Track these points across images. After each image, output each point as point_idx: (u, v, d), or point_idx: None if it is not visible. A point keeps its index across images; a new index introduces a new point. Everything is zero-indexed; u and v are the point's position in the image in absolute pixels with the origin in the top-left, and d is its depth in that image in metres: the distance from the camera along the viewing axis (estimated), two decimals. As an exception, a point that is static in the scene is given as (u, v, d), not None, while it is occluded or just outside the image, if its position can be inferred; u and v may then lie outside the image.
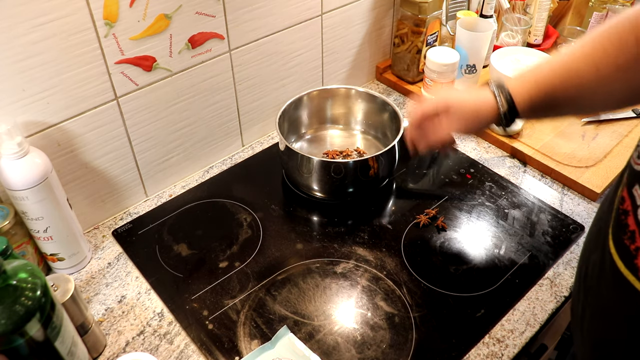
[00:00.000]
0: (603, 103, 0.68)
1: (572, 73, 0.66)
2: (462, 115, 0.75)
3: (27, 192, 0.72)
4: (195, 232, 0.90)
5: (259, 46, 0.98)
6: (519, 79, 0.71)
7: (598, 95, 0.65)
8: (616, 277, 0.46)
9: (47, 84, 0.74)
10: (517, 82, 0.71)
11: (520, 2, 1.24)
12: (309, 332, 0.75)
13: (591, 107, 0.71)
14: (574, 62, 0.66)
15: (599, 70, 0.63)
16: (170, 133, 0.93)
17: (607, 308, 0.50)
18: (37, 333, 0.55)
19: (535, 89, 0.69)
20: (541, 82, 0.68)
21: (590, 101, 0.67)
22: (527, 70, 0.71)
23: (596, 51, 0.64)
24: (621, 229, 0.45)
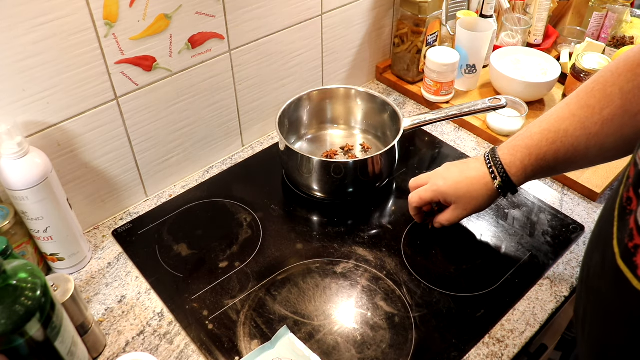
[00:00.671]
0: (598, 158, 0.70)
1: (560, 134, 0.67)
2: (459, 201, 0.79)
3: (27, 192, 0.72)
4: (195, 232, 0.90)
5: (259, 46, 0.98)
6: (511, 149, 0.73)
7: (591, 151, 0.67)
8: (616, 275, 0.46)
9: (47, 84, 0.74)
10: (509, 152, 0.73)
11: (520, 2, 1.24)
12: (309, 332, 0.75)
13: (589, 163, 0.73)
14: (563, 124, 0.67)
15: (586, 128, 0.65)
16: (170, 133, 0.93)
17: (607, 308, 0.50)
18: (37, 333, 0.55)
19: (527, 157, 0.71)
20: (533, 150, 0.70)
21: (585, 158, 0.69)
22: (518, 138, 0.73)
23: (581, 108, 0.65)
24: (624, 227, 0.46)
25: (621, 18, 1.19)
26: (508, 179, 0.73)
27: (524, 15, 1.25)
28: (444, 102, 1.16)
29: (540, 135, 0.70)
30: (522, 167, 0.72)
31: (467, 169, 0.78)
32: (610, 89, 0.63)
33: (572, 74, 1.08)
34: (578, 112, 0.66)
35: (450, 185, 0.79)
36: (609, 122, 0.63)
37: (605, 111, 0.63)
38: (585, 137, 0.66)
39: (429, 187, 0.81)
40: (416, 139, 1.09)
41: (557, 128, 0.68)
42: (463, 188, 0.78)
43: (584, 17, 1.31)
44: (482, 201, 0.78)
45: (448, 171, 0.81)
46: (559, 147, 0.68)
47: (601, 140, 0.65)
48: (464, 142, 1.08)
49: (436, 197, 0.80)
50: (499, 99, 0.94)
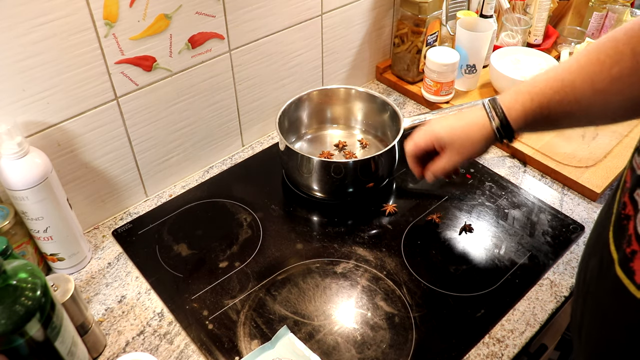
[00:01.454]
0: (599, 116, 0.68)
1: (567, 85, 0.65)
2: (454, 144, 0.75)
3: (27, 192, 0.72)
4: (195, 232, 0.90)
5: (259, 46, 0.98)
6: (513, 93, 0.70)
7: (594, 108, 0.65)
8: (614, 281, 0.46)
9: (47, 84, 0.74)
10: (510, 96, 0.70)
11: (520, 2, 1.24)
12: (309, 332, 0.75)
13: (588, 120, 0.71)
14: (570, 75, 0.65)
15: (594, 82, 0.63)
16: (170, 133, 0.93)
17: (605, 314, 0.50)
18: (37, 333, 0.55)
19: (529, 102, 0.68)
20: (535, 95, 0.68)
21: (586, 114, 0.67)
22: (522, 84, 0.70)
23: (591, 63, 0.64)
24: (621, 233, 0.45)
25: (621, 18, 1.19)
26: (506, 121, 0.70)
27: (524, 15, 1.25)
28: (444, 102, 1.16)
29: (545, 82, 0.67)
30: (522, 110, 0.69)
31: (464, 115, 0.76)
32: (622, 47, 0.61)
33: (572, 74, 1.08)
34: (587, 65, 0.64)
35: (445, 128, 0.75)
36: (617, 80, 0.61)
37: (615, 69, 0.61)
38: (591, 91, 0.64)
39: (425, 131, 0.78)
40: (416, 139, 1.09)
41: (563, 78, 0.66)
42: (458, 130, 0.74)
43: (584, 17, 1.31)
44: (478, 145, 0.74)
45: (445, 118, 0.78)
46: (562, 97, 0.66)
47: (606, 98, 0.63)
48: (464, 142, 1.08)
49: (430, 140, 0.77)
50: (499, 99, 0.94)
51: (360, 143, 1.06)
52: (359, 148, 1.05)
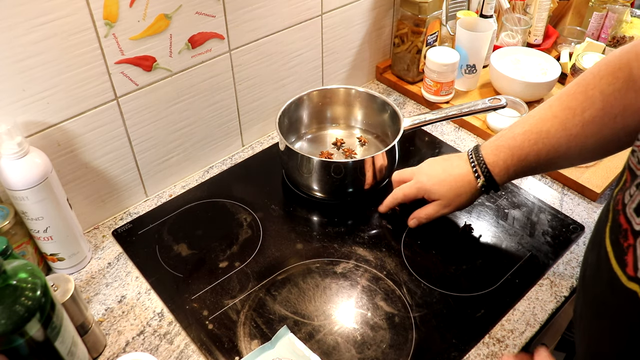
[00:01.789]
0: (578, 158, 0.72)
1: (542, 136, 0.69)
2: (443, 198, 0.80)
3: (27, 192, 0.72)
4: (195, 232, 0.90)
5: (259, 46, 0.98)
6: (494, 148, 0.75)
7: (571, 152, 0.69)
8: (608, 273, 0.47)
9: (47, 84, 0.74)
10: (492, 152, 0.75)
11: (520, 2, 1.24)
12: (309, 332, 0.75)
13: (569, 163, 0.76)
14: (544, 125, 0.69)
15: (567, 129, 0.67)
16: (170, 133, 0.93)
17: (600, 304, 0.51)
18: (37, 333, 0.55)
19: (510, 158, 0.73)
20: (515, 150, 0.72)
21: (565, 159, 0.71)
22: (502, 138, 0.75)
23: (562, 110, 0.67)
24: (617, 228, 0.47)
25: (621, 18, 1.19)
26: (491, 178, 0.75)
27: (524, 15, 1.25)
28: (444, 102, 1.16)
29: (523, 135, 0.71)
30: (505, 167, 0.74)
31: (451, 167, 0.80)
32: (591, 91, 0.64)
33: (572, 74, 1.08)
34: (560, 113, 0.68)
35: (434, 182, 0.81)
36: (589, 124, 0.65)
37: (586, 113, 0.65)
38: (566, 137, 0.67)
39: (413, 184, 0.84)
40: (416, 139, 1.09)
41: (539, 129, 0.70)
42: (446, 185, 0.80)
43: (584, 17, 1.31)
44: (466, 198, 0.80)
45: (431, 168, 0.83)
46: (540, 147, 0.70)
47: (581, 141, 0.67)
48: (464, 142, 1.08)
49: (420, 194, 0.83)
50: (499, 99, 0.94)
51: (359, 140, 1.06)
52: (358, 146, 1.05)
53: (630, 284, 0.44)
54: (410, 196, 0.84)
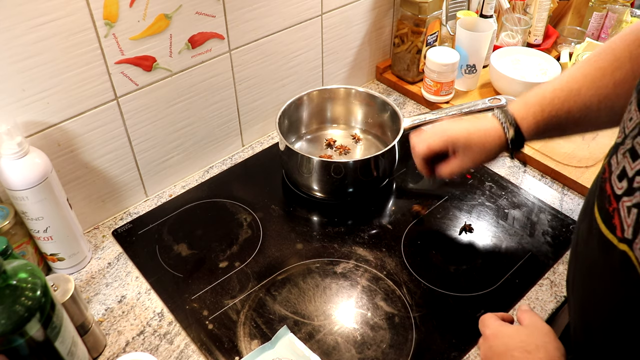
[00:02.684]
0: (607, 120, 0.70)
1: (573, 94, 0.68)
2: (469, 149, 0.76)
3: (27, 192, 0.72)
4: (195, 232, 0.90)
5: (259, 46, 0.98)
6: (522, 104, 0.73)
7: (601, 113, 0.68)
8: (599, 238, 0.49)
9: (47, 84, 0.74)
10: (521, 107, 0.72)
11: (520, 2, 1.24)
12: (309, 332, 0.75)
13: (596, 125, 0.73)
14: (575, 84, 0.68)
15: (598, 88, 0.66)
16: (170, 133, 0.93)
17: (592, 268, 0.53)
18: (37, 333, 0.55)
19: (540, 113, 0.71)
20: (546, 106, 0.70)
21: (595, 119, 0.70)
22: (530, 95, 0.73)
23: (594, 70, 0.67)
24: (602, 195, 0.49)
25: (621, 18, 1.19)
26: (519, 131, 0.72)
27: (524, 15, 1.25)
28: (444, 102, 1.16)
29: (553, 93, 0.70)
30: (534, 121, 0.71)
31: (477, 121, 0.77)
32: (620, 53, 0.65)
33: (572, 74, 1.08)
34: (590, 73, 0.67)
35: (462, 133, 0.76)
36: (620, 84, 0.65)
37: (617, 73, 0.65)
38: (597, 97, 0.67)
39: (439, 136, 0.77)
40: (416, 139, 1.09)
41: (570, 87, 0.69)
42: (475, 137, 0.75)
43: (584, 17, 1.31)
44: (492, 153, 0.76)
45: (458, 123, 0.78)
46: (571, 105, 0.68)
47: (612, 102, 0.66)
48: (464, 142, 1.08)
49: (445, 143, 0.77)
50: (499, 99, 0.94)
51: (353, 138, 1.06)
52: (353, 143, 1.05)
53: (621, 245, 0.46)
54: (435, 147, 0.77)
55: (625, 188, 0.45)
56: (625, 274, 0.46)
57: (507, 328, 0.60)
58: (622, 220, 0.45)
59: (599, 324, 0.54)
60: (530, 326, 0.59)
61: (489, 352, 0.60)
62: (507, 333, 0.60)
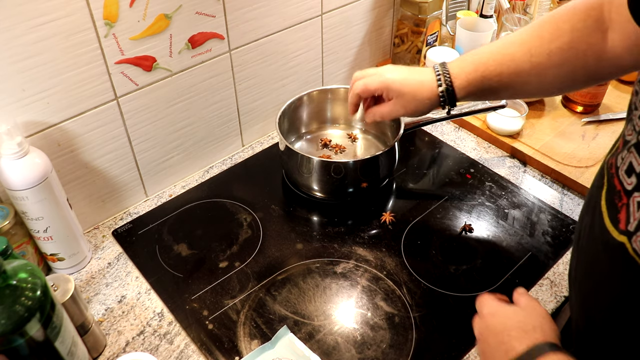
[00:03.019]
0: (536, 88, 0.73)
1: (507, 58, 0.70)
2: (401, 96, 0.77)
3: (27, 192, 0.72)
4: (195, 232, 0.90)
5: (259, 46, 0.98)
6: (460, 62, 0.75)
7: (531, 79, 0.70)
8: (601, 231, 0.50)
9: (47, 84, 0.74)
10: (457, 65, 0.75)
11: (520, 2, 1.24)
12: (309, 332, 0.75)
13: (526, 92, 0.76)
14: (511, 47, 0.71)
15: (532, 55, 0.68)
16: (170, 133, 0.93)
17: (593, 261, 0.54)
18: (37, 333, 0.55)
19: (473, 72, 0.73)
20: (479, 66, 0.72)
21: (525, 85, 0.72)
22: (470, 53, 0.75)
23: (532, 38, 0.69)
24: (612, 190, 0.50)
25: (621, 18, 1.18)
26: (452, 88, 0.74)
27: (524, 15, 1.25)
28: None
29: (489, 55, 0.72)
30: (467, 80, 0.73)
31: (416, 71, 0.79)
32: (563, 24, 0.66)
33: (572, 74, 1.08)
34: (528, 40, 0.69)
35: (398, 79, 0.78)
36: (554, 55, 0.66)
37: (553, 44, 0.66)
38: (529, 64, 0.68)
39: (377, 77, 0.79)
40: (416, 139, 1.09)
41: (505, 51, 0.71)
42: (409, 86, 0.77)
43: (584, 17, 1.31)
44: (422, 105, 0.77)
45: (397, 69, 0.80)
46: (503, 69, 0.70)
47: (543, 71, 0.68)
48: (464, 142, 1.08)
49: (381, 87, 0.79)
50: (499, 98, 0.94)
51: (349, 137, 1.06)
52: (349, 142, 1.05)
53: (620, 237, 0.47)
54: (371, 88, 0.79)
55: (634, 184, 0.46)
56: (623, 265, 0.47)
57: (505, 308, 0.61)
58: (629, 215, 0.46)
59: (600, 316, 0.54)
60: (528, 308, 0.60)
61: (485, 331, 0.60)
62: (505, 313, 0.60)
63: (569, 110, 1.12)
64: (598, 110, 1.11)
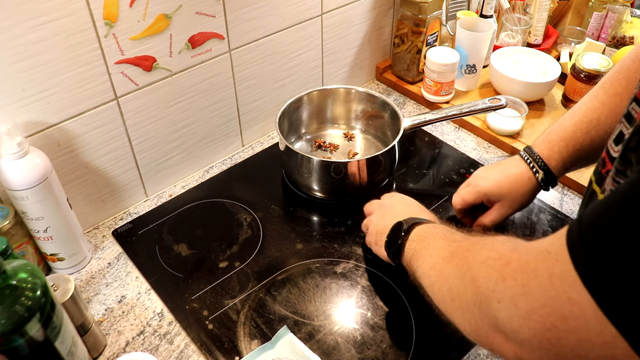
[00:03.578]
0: None
1: (594, 124, 0.70)
2: (503, 199, 0.78)
3: (27, 192, 0.72)
4: (195, 232, 0.90)
5: (259, 46, 0.98)
6: (546, 142, 0.75)
7: None
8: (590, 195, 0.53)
9: (47, 84, 0.74)
10: (545, 146, 0.75)
11: (520, 2, 1.24)
12: (309, 332, 0.75)
13: None
14: (594, 113, 0.70)
15: (617, 114, 0.67)
16: (170, 133, 0.93)
17: None
18: (37, 333, 0.55)
19: (565, 149, 0.73)
20: (569, 140, 0.73)
21: None
22: (552, 133, 0.75)
23: (610, 97, 0.68)
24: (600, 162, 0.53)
25: (621, 18, 1.19)
26: (549, 171, 0.75)
27: (524, 15, 1.25)
28: (444, 102, 1.16)
29: (574, 127, 0.72)
30: (561, 159, 0.74)
31: (506, 168, 0.79)
32: (634, 75, 0.66)
33: (572, 74, 1.08)
34: (607, 100, 0.69)
35: (492, 184, 0.79)
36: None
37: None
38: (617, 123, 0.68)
39: (471, 188, 0.81)
40: (416, 139, 1.09)
41: (589, 118, 0.70)
42: (506, 186, 0.78)
43: (584, 17, 1.31)
44: (527, 197, 0.78)
45: (487, 172, 0.81)
46: (593, 136, 0.70)
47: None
48: (464, 142, 1.08)
49: (479, 198, 0.80)
50: (499, 99, 0.94)
51: (345, 136, 1.06)
52: (345, 140, 1.05)
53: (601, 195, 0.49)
54: (469, 200, 0.81)
55: (620, 151, 0.47)
56: None
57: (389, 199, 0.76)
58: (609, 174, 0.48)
59: None
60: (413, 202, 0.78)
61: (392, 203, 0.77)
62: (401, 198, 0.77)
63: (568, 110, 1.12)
64: (598, 110, 1.11)
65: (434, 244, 0.61)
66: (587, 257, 0.36)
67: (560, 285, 0.38)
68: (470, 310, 0.48)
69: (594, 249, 0.36)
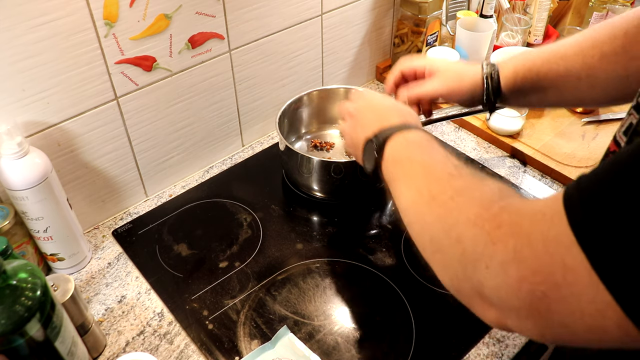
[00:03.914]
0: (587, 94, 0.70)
1: (558, 56, 0.69)
2: (445, 72, 0.77)
3: (27, 192, 0.72)
4: (195, 232, 0.90)
5: (259, 46, 0.98)
6: (507, 59, 0.75)
7: (582, 82, 0.68)
8: None
9: (47, 84, 0.74)
10: (504, 60, 0.74)
11: (520, 2, 1.24)
12: (309, 332, 0.75)
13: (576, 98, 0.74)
14: (562, 47, 0.70)
15: (585, 56, 0.67)
16: (170, 133, 0.93)
17: None
18: (37, 333, 0.55)
19: (521, 65, 0.72)
20: (527, 61, 0.72)
21: (574, 89, 0.70)
22: (518, 53, 0.75)
23: (585, 39, 0.68)
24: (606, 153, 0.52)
25: (621, 18, 1.18)
26: (497, 75, 0.73)
27: (524, 15, 1.25)
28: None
29: (538, 51, 0.72)
30: (514, 71, 0.72)
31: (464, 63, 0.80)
32: (616, 29, 0.65)
33: (572, 74, 1.08)
34: (580, 41, 0.68)
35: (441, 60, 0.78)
36: (606, 57, 0.65)
37: (606, 46, 0.65)
38: (581, 64, 0.67)
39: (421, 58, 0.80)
40: (416, 139, 1.09)
41: (556, 49, 0.70)
42: (453, 68, 0.77)
43: (584, 17, 1.31)
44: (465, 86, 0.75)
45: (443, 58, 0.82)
46: (552, 66, 0.69)
47: (594, 73, 0.67)
48: (464, 142, 1.08)
49: (425, 64, 0.78)
50: (499, 99, 0.94)
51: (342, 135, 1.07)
52: (342, 140, 1.05)
53: None
54: (414, 66, 0.79)
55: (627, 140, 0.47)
56: None
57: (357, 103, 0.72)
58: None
59: None
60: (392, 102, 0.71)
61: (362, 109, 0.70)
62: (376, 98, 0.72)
63: (569, 110, 1.12)
64: (598, 111, 1.11)
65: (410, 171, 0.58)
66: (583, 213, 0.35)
67: (555, 249, 0.36)
68: (454, 268, 0.46)
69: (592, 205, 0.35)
